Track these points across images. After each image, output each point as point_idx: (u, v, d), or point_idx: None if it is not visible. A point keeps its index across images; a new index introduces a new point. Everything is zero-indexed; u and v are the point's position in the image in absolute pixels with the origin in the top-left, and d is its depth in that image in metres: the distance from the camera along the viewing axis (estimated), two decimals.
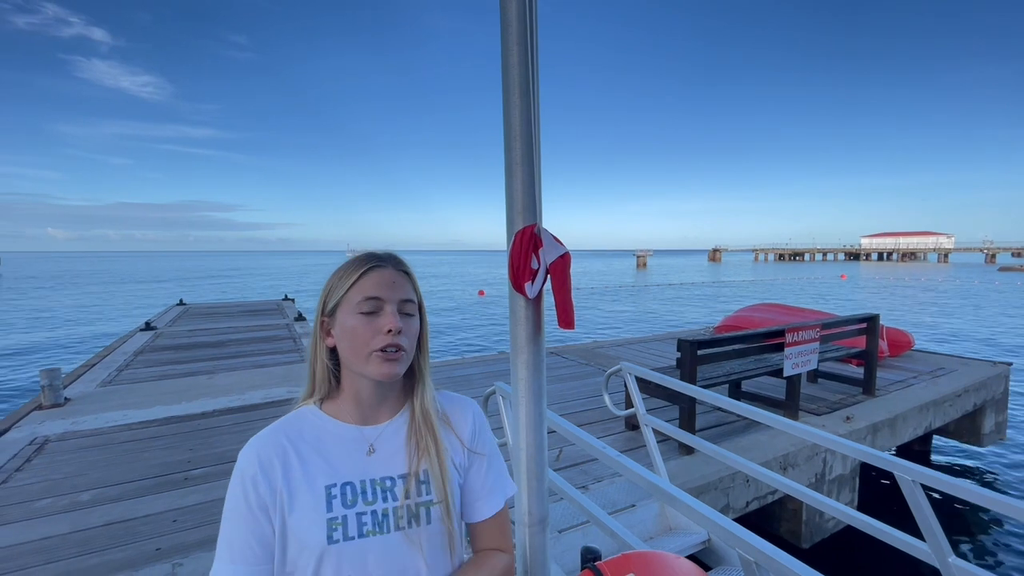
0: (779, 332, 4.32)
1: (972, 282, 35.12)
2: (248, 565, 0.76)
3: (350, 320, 0.81)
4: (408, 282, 0.86)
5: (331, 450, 0.82)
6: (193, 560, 2.48)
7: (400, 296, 0.83)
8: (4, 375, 11.10)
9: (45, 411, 4.83)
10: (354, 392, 0.85)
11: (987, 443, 5.81)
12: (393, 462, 0.83)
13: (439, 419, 0.88)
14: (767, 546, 1.64)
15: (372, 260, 0.84)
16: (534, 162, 1.59)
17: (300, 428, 0.83)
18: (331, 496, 0.78)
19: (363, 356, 0.80)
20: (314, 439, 0.82)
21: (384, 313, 0.81)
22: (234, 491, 0.78)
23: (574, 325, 1.54)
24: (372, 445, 0.84)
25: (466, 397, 0.97)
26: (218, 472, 3.48)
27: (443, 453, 0.84)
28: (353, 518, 0.78)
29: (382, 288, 0.82)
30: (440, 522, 0.82)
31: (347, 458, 0.82)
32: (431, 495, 0.82)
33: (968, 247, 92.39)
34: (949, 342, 13.80)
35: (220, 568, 0.76)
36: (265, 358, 7.19)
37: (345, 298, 0.82)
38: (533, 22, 1.57)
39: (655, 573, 0.91)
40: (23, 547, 2.61)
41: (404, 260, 0.88)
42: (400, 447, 0.84)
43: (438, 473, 0.83)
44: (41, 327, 17.74)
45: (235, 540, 0.76)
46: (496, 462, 0.94)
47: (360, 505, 0.79)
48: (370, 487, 0.80)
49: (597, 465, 3.49)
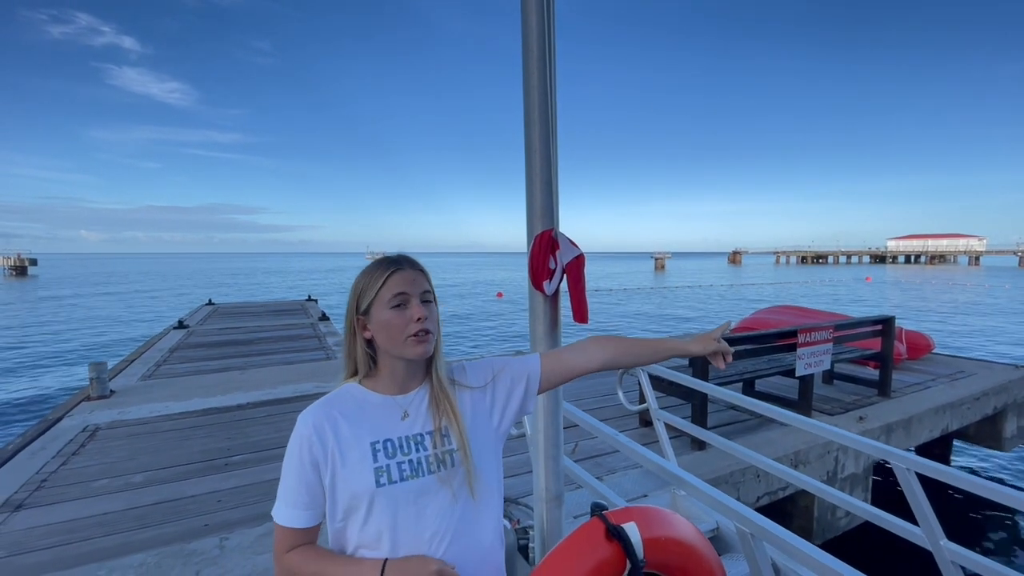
0: (792, 333, 4.40)
1: (1003, 286, 34.03)
2: (300, 509, 0.98)
3: (384, 315, 0.99)
4: (424, 277, 1.05)
5: (373, 415, 1.02)
6: (238, 535, 2.71)
7: (420, 289, 1.02)
8: (48, 371, 11.71)
9: (93, 402, 5.18)
10: (390, 370, 1.05)
11: (1009, 447, 5.75)
12: (421, 421, 1.04)
13: (451, 385, 1.08)
14: (779, 529, 1.77)
15: (393, 263, 1.03)
16: (552, 171, 1.77)
17: (346, 400, 1.03)
18: (376, 450, 0.98)
19: (400, 342, 0.99)
20: (359, 407, 1.02)
21: (411, 305, 1.00)
22: (292, 450, 0.98)
23: (588, 320, 1.72)
24: (405, 411, 1.04)
25: (464, 363, 1.18)
26: (255, 459, 3.72)
27: (456, 411, 1.05)
28: (394, 466, 0.98)
29: (406, 285, 1.00)
30: (461, 464, 1.03)
31: (386, 421, 1.02)
32: (452, 444, 1.03)
33: (1000, 250, 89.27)
34: (972, 346, 13.50)
35: (279, 509, 0.99)
36: (292, 355, 7.50)
37: (377, 297, 1.00)
38: (551, 45, 1.75)
39: (654, 522, 1.07)
40: (86, 520, 2.89)
41: (417, 260, 1.08)
42: (425, 410, 1.05)
43: (455, 426, 1.03)
44: (76, 326, 18.55)
45: (291, 488, 0.98)
46: (507, 361, 1.17)
47: (399, 456, 0.99)
48: (405, 442, 1.01)
49: (611, 458, 3.64)
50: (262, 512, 2.96)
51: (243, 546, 2.62)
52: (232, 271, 71.77)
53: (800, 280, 41.09)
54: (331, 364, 6.88)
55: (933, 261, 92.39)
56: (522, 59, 1.71)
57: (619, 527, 1.04)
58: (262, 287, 39.01)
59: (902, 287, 34.58)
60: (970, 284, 36.27)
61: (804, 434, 3.99)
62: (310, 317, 11.86)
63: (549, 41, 1.72)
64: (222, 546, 2.62)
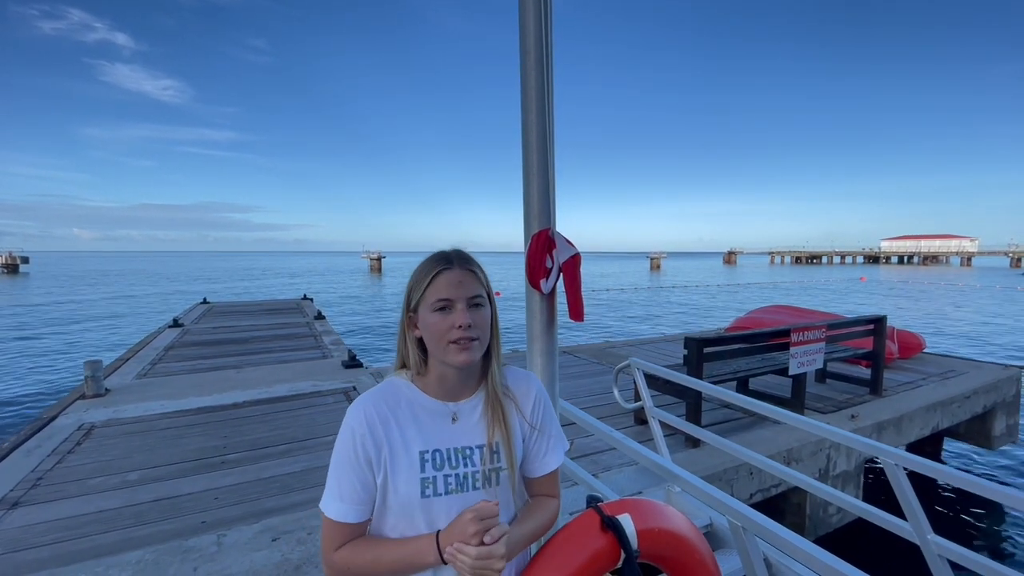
0: (785, 332, 4.45)
1: (994, 287, 34.37)
2: (353, 504, 0.95)
3: (429, 317, 0.97)
4: (475, 278, 0.99)
5: (423, 420, 0.99)
6: (236, 532, 2.72)
7: (468, 293, 0.97)
8: (41, 369, 11.63)
9: (88, 400, 5.16)
10: (439, 374, 1.01)
11: (998, 445, 5.84)
12: (472, 433, 1.01)
13: (506, 397, 1.05)
14: (771, 523, 1.81)
15: (441, 263, 0.98)
16: (549, 172, 1.79)
17: (397, 398, 1.00)
18: (424, 460, 0.96)
19: (442, 347, 0.96)
20: (409, 409, 1.00)
21: (455, 310, 0.95)
22: (344, 443, 0.96)
23: (583, 318, 1.75)
24: (455, 416, 1.01)
25: (530, 373, 1.16)
26: (252, 457, 3.73)
27: (511, 428, 1.03)
28: (441, 479, 0.97)
29: (451, 289, 0.96)
30: (507, 483, 1.02)
31: (435, 428, 1.00)
32: (501, 463, 1.01)
33: (992, 250, 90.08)
34: (962, 346, 13.65)
35: (330, 503, 0.95)
36: (288, 354, 7.49)
37: (423, 298, 0.97)
38: (549, 46, 1.78)
39: (648, 514, 1.10)
40: (83, 518, 2.89)
41: (470, 257, 1.02)
42: (477, 421, 1.02)
43: (507, 445, 1.01)
44: (70, 324, 18.43)
45: (344, 482, 0.95)
46: (553, 430, 1.13)
47: (447, 469, 0.98)
48: (454, 454, 0.99)
49: (607, 455, 3.67)
50: (260, 509, 2.98)
51: (241, 543, 2.63)
52: (225, 269, 71.44)
53: (794, 280, 41.33)
54: (327, 363, 6.89)
55: (926, 262, 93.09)
56: (520, 60, 1.74)
57: (614, 518, 1.06)
58: (257, 285, 38.85)
59: (894, 287, 34.85)
60: (962, 284, 36.60)
61: (797, 432, 4.04)
62: (306, 316, 11.84)
63: (546, 43, 1.74)
64: (220, 543, 2.63)
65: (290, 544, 2.62)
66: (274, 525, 2.80)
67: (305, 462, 3.63)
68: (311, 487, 3.26)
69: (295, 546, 2.60)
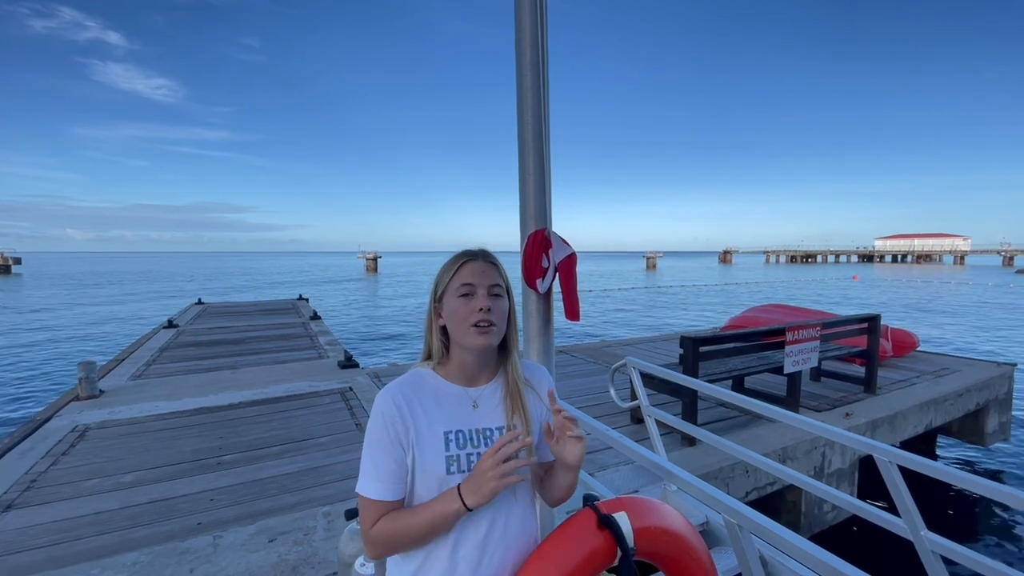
0: (780, 331, 4.47)
1: (986, 284, 34.65)
2: (389, 482, 1.00)
3: (453, 303, 1.06)
4: (495, 270, 1.09)
5: (445, 404, 1.07)
6: (232, 533, 2.72)
7: (489, 282, 1.06)
8: (34, 371, 11.54)
9: (82, 402, 5.13)
10: (460, 361, 1.09)
11: (990, 442, 5.89)
12: (492, 416, 1.09)
13: (524, 384, 1.13)
14: (766, 520, 1.82)
15: (467, 255, 1.09)
16: (545, 173, 1.80)
17: (421, 385, 1.08)
18: (448, 439, 1.04)
19: (463, 330, 1.04)
20: (432, 394, 1.07)
21: (477, 296, 1.05)
22: (375, 426, 1.02)
23: (579, 317, 1.75)
24: (475, 402, 1.09)
25: (541, 366, 1.25)
26: (247, 458, 3.72)
27: (529, 411, 1.10)
28: (464, 457, 1.04)
29: (475, 276, 1.06)
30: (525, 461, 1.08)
31: (458, 411, 1.07)
32: None
33: (985, 249, 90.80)
34: (955, 344, 13.75)
35: (367, 484, 1.00)
36: (284, 355, 7.47)
37: (448, 286, 1.07)
38: (544, 47, 1.78)
39: (644, 512, 1.11)
40: (79, 520, 2.87)
41: (491, 253, 1.13)
42: (497, 405, 1.10)
43: (525, 427, 1.08)
44: (63, 325, 18.29)
45: (380, 463, 1.01)
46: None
47: (469, 447, 1.05)
48: (475, 435, 1.06)
49: (603, 454, 3.68)
50: (256, 510, 2.97)
51: (237, 544, 2.62)
52: (221, 270, 71.05)
53: (789, 279, 41.52)
54: (323, 363, 6.87)
55: (919, 260, 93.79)
56: (516, 62, 1.74)
57: (610, 516, 1.07)
58: (253, 285, 38.70)
59: (888, 286, 35.07)
60: (955, 283, 36.88)
61: (792, 430, 4.06)
62: (301, 316, 11.80)
63: (542, 44, 1.75)
64: (216, 544, 2.62)
65: (287, 545, 2.61)
66: (270, 526, 2.79)
67: (301, 463, 3.62)
68: (307, 488, 3.25)
69: (292, 547, 2.59)
